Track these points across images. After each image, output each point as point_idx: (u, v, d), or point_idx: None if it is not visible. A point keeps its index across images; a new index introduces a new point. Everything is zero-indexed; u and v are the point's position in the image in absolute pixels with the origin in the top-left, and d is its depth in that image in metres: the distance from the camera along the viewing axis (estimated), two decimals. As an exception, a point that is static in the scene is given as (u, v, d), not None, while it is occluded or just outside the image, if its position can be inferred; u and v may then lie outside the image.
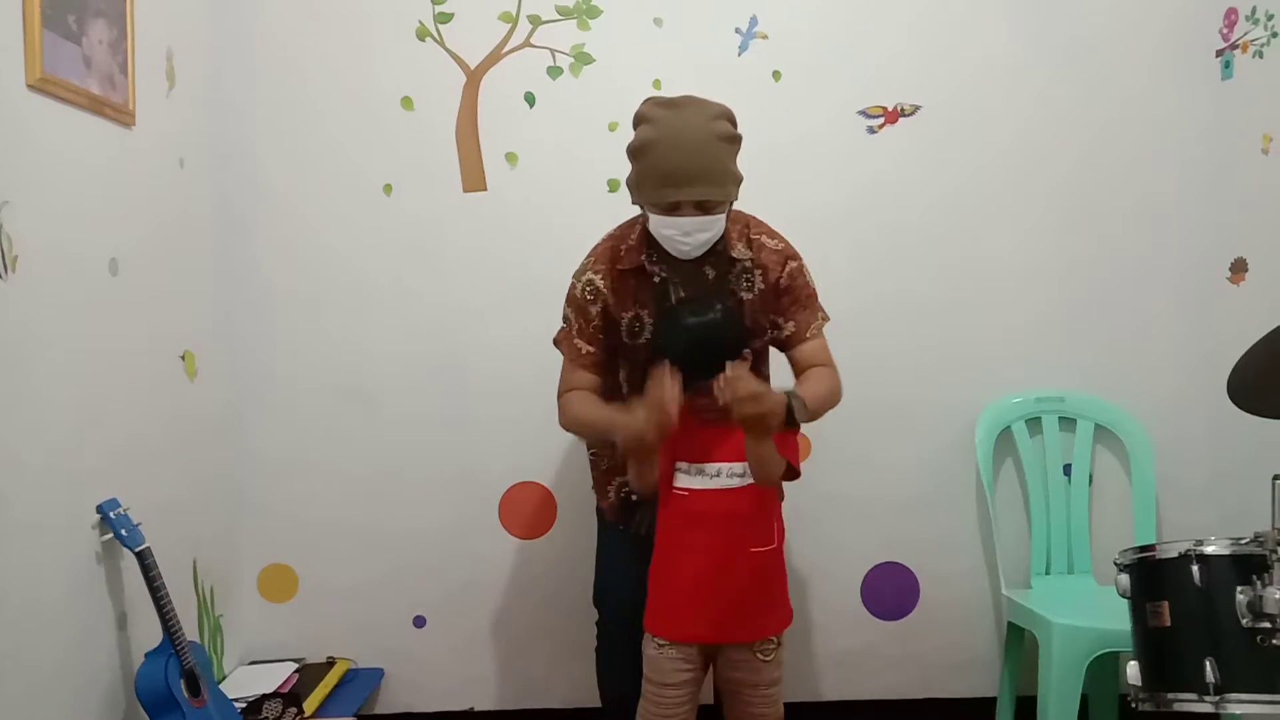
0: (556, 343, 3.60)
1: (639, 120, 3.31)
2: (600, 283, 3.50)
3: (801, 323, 3.53)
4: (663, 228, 3.32)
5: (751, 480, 3.28)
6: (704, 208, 3.27)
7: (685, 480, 3.34)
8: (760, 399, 3.11)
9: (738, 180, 3.34)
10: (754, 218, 3.58)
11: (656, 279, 3.48)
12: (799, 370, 3.55)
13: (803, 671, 4.57)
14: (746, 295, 3.50)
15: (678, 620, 3.38)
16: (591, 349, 3.53)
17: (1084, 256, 4.50)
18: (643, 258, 3.48)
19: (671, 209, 3.27)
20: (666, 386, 3.11)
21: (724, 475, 3.31)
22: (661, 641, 3.39)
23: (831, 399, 3.45)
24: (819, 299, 3.59)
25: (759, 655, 3.38)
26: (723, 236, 3.42)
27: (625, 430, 3.21)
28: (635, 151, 3.30)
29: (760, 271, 3.49)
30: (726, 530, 3.29)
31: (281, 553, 4.56)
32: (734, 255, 3.47)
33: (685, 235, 3.31)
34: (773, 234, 3.56)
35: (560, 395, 3.58)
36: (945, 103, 4.46)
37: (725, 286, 3.48)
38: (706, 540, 3.30)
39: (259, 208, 4.43)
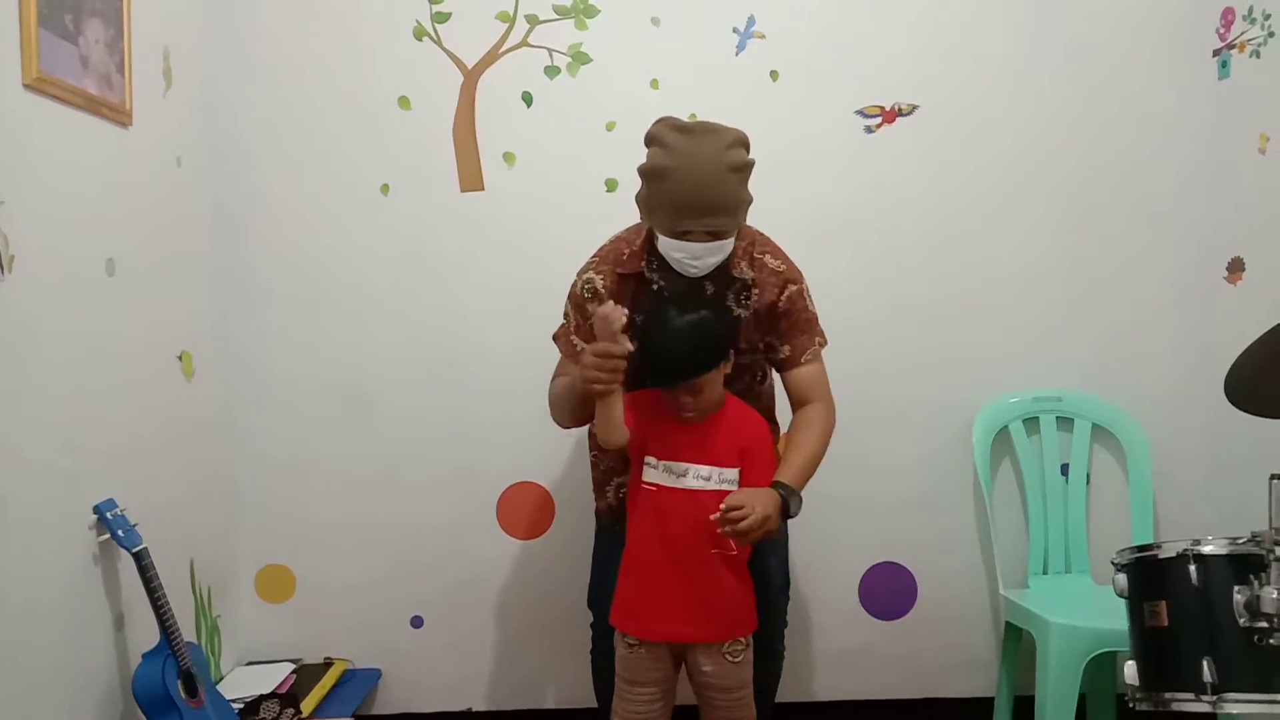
0: (555, 339, 3.62)
1: (652, 141, 3.30)
2: (599, 282, 3.51)
3: (797, 348, 3.53)
4: (672, 250, 3.33)
5: (719, 487, 3.30)
6: (714, 234, 3.29)
7: (652, 475, 3.34)
8: (762, 525, 3.16)
9: (748, 204, 3.36)
10: (760, 234, 3.58)
11: (654, 286, 3.49)
12: (791, 396, 3.56)
13: (800, 672, 4.57)
14: (742, 313, 3.50)
15: (642, 617, 3.39)
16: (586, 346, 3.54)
17: (1082, 256, 4.50)
18: (643, 264, 3.49)
19: (682, 234, 3.29)
20: (611, 310, 3.15)
21: (691, 476, 3.31)
22: (631, 640, 3.41)
23: (821, 453, 3.46)
24: (819, 322, 3.59)
25: (728, 657, 3.39)
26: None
27: (583, 372, 3.23)
28: (647, 174, 3.29)
29: (758, 291, 3.50)
30: (690, 531, 3.28)
31: (279, 553, 4.56)
32: (735, 274, 3.47)
33: (694, 259, 3.32)
34: (777, 254, 3.56)
35: (553, 380, 3.61)
36: (943, 103, 4.46)
37: (722, 302, 3.48)
38: (670, 538, 3.31)
39: (256, 207, 4.43)
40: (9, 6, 3.01)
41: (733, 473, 3.32)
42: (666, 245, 3.34)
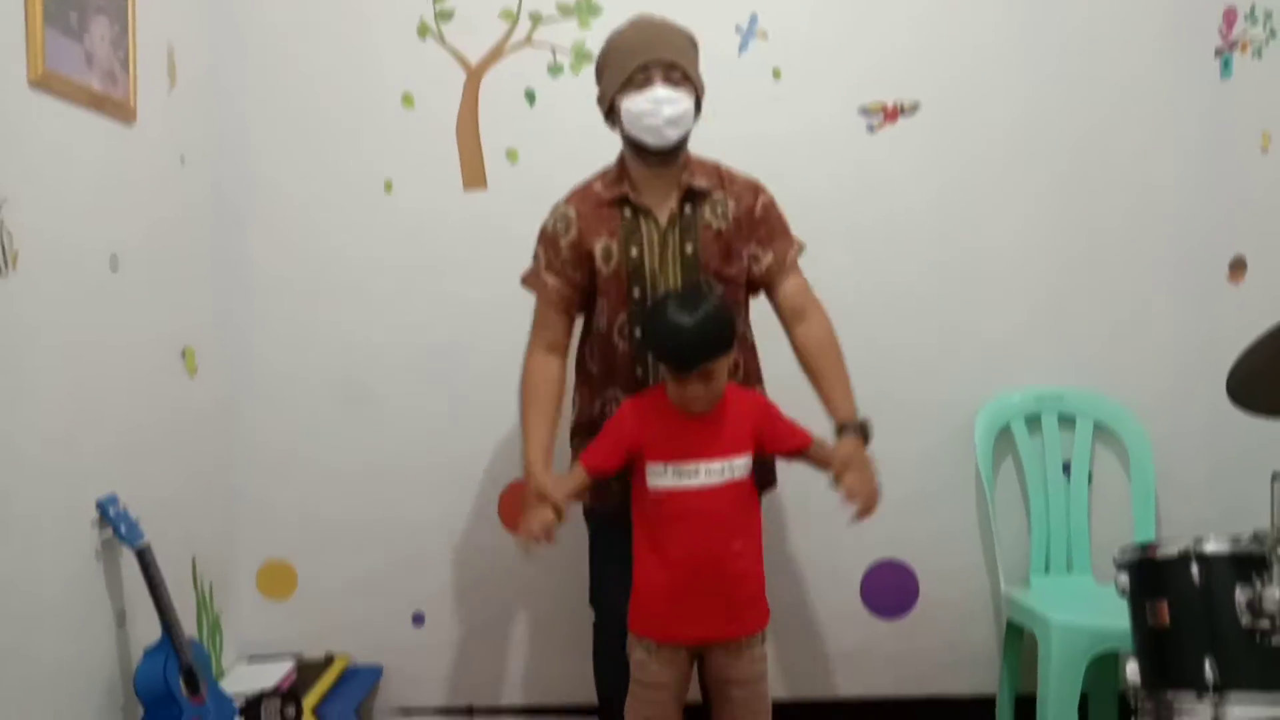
0: (524, 281, 3.72)
1: (604, 44, 3.60)
2: (572, 214, 3.62)
3: (780, 251, 3.65)
4: (635, 107, 3.46)
5: (730, 478, 3.32)
6: (671, 82, 3.45)
7: (661, 481, 3.34)
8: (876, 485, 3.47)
9: (701, 83, 3.55)
10: (723, 164, 3.71)
11: (629, 210, 3.58)
12: (785, 308, 3.66)
13: (802, 669, 4.58)
14: (721, 225, 3.57)
15: (662, 622, 3.39)
16: (558, 282, 3.63)
17: (1083, 253, 4.50)
18: (625, 187, 3.58)
19: (642, 83, 3.44)
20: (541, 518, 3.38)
21: (703, 474, 3.32)
22: (649, 645, 3.41)
23: (845, 366, 3.64)
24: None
25: (746, 651, 3.40)
26: (687, 169, 3.58)
27: (528, 485, 3.48)
28: (603, 60, 3.58)
29: (733, 201, 3.60)
30: (705, 530, 3.30)
31: (281, 549, 4.56)
32: (699, 186, 3.57)
33: (656, 106, 3.43)
34: (743, 174, 3.69)
35: (529, 346, 3.73)
36: (944, 102, 4.46)
37: (698, 222, 3.56)
38: (686, 541, 3.31)
39: (260, 204, 4.44)
40: (15, 4, 3.03)
41: (744, 459, 3.34)
42: (629, 109, 3.47)
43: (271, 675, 4.24)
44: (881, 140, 4.47)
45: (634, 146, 3.54)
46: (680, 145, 3.54)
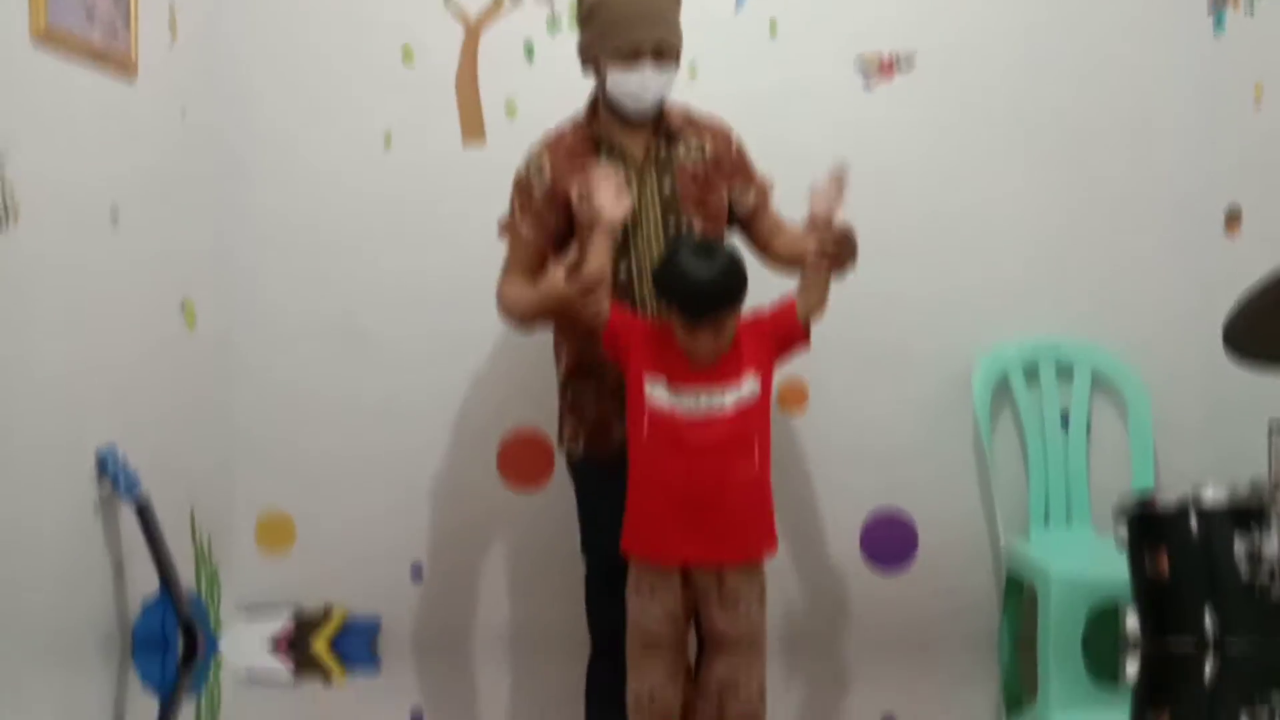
0: (500, 229, 3.80)
1: None
2: (546, 158, 3.67)
3: (760, 190, 3.78)
4: (623, 83, 3.53)
5: (731, 404, 3.34)
6: (659, 57, 3.48)
7: (662, 403, 3.36)
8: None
9: (682, 39, 3.59)
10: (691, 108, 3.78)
11: (604, 152, 3.62)
12: (767, 233, 3.79)
13: (801, 619, 4.59)
14: (698, 165, 3.65)
15: (656, 542, 3.41)
16: (531, 228, 3.66)
17: (1080, 205, 4.50)
18: (599, 130, 3.64)
19: (632, 57, 3.46)
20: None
21: (702, 403, 3.34)
22: (644, 589, 3.44)
23: None
24: None
25: (743, 603, 3.42)
26: (662, 113, 3.62)
27: (576, 282, 3.35)
28: (590, 13, 3.54)
29: (709, 142, 3.69)
30: (704, 456, 3.32)
31: (279, 501, 4.56)
32: (672, 128, 3.64)
33: (643, 88, 3.51)
34: (710, 117, 3.78)
35: (501, 280, 3.71)
36: (941, 53, 4.46)
37: (673, 162, 3.63)
38: (684, 465, 3.33)
39: (260, 158, 4.45)
40: (17, -42, 3.02)
41: (747, 385, 3.36)
42: (616, 82, 3.53)
43: (270, 627, 4.28)
44: (878, 94, 4.47)
45: (611, 101, 3.60)
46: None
